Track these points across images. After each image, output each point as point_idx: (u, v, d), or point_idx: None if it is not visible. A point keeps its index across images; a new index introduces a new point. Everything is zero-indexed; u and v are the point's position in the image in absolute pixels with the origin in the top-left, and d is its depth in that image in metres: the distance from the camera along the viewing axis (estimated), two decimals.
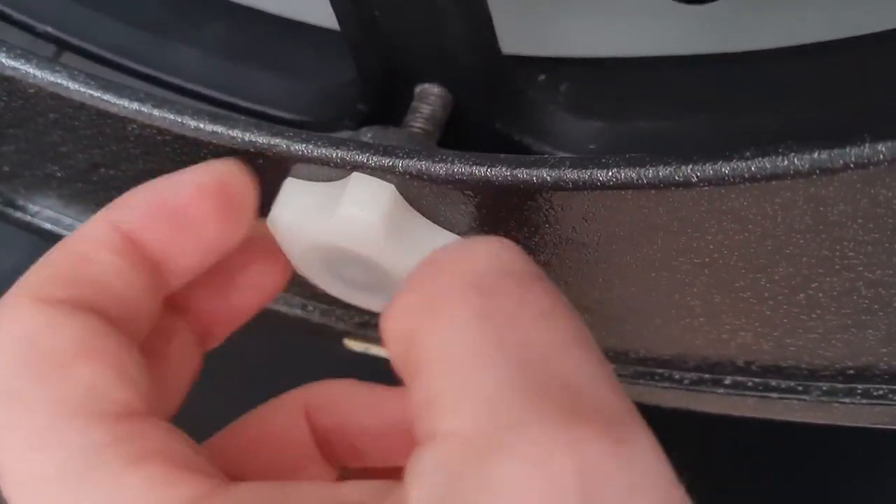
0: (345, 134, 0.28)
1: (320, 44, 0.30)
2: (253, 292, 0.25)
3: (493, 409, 0.16)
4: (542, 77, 0.28)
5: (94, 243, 0.21)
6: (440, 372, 0.17)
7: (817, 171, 0.18)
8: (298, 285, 0.26)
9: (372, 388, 0.25)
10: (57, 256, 0.21)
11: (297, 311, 0.33)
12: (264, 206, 0.23)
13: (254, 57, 0.30)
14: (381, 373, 0.27)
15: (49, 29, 0.30)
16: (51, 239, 0.32)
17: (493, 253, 0.19)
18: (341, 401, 0.24)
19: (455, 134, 0.27)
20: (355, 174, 0.22)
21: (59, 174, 0.29)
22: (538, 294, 0.18)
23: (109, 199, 0.29)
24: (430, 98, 0.27)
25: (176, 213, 0.21)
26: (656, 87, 0.27)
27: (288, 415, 0.24)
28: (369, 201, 0.21)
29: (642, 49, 0.28)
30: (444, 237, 0.23)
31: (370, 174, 0.22)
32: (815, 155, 0.18)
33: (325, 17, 0.30)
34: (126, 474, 0.18)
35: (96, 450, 0.18)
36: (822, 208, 0.20)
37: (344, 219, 0.21)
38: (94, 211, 0.31)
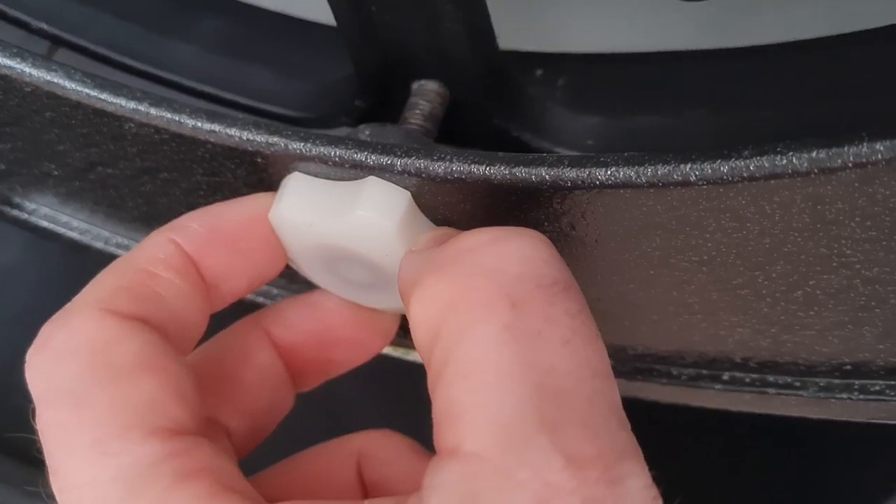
0: (342, 131, 0.28)
1: (317, 40, 0.30)
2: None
3: (510, 438, 0.17)
4: (540, 72, 0.28)
5: (160, 262, 0.22)
6: (465, 385, 0.18)
7: (816, 170, 0.18)
8: (307, 283, 0.26)
9: (421, 453, 0.26)
10: (124, 269, 0.22)
11: None
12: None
13: (251, 53, 0.30)
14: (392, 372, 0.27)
15: (43, 25, 0.30)
16: (47, 237, 0.32)
17: (526, 256, 0.19)
18: (393, 458, 0.26)
19: (452, 130, 0.27)
20: (372, 178, 0.22)
21: (55, 172, 0.29)
22: (563, 314, 0.18)
23: (107, 197, 0.30)
24: (427, 94, 0.27)
25: (232, 240, 0.23)
26: (654, 83, 0.27)
27: (341, 460, 0.26)
28: (386, 207, 0.21)
29: (640, 44, 0.28)
30: None
31: (388, 179, 0.21)
32: (814, 154, 0.18)
33: (322, 14, 0.29)
34: (174, 489, 0.18)
35: (150, 463, 0.19)
36: (819, 207, 0.20)
37: (360, 222, 0.21)
38: (91, 209, 0.31)
